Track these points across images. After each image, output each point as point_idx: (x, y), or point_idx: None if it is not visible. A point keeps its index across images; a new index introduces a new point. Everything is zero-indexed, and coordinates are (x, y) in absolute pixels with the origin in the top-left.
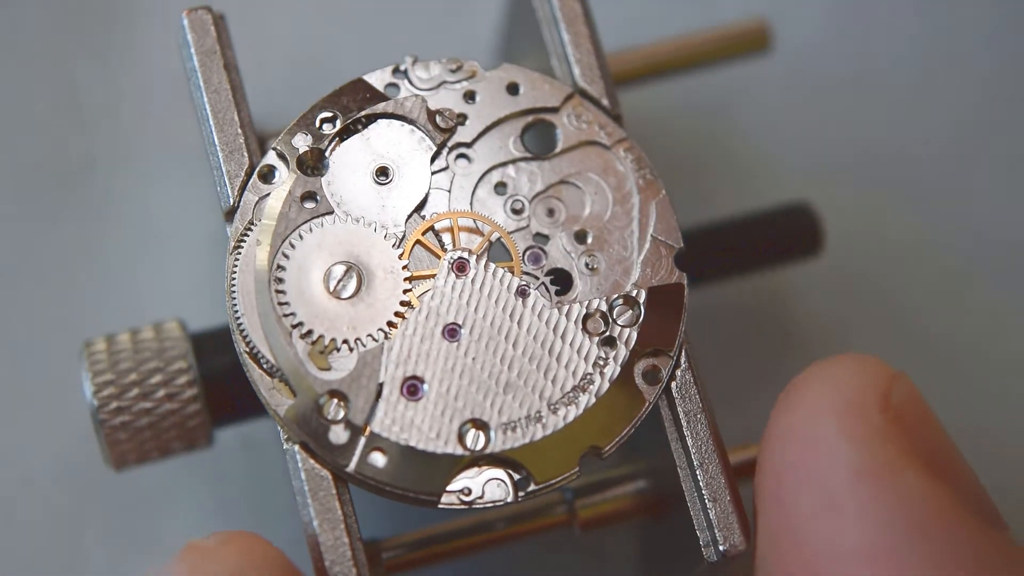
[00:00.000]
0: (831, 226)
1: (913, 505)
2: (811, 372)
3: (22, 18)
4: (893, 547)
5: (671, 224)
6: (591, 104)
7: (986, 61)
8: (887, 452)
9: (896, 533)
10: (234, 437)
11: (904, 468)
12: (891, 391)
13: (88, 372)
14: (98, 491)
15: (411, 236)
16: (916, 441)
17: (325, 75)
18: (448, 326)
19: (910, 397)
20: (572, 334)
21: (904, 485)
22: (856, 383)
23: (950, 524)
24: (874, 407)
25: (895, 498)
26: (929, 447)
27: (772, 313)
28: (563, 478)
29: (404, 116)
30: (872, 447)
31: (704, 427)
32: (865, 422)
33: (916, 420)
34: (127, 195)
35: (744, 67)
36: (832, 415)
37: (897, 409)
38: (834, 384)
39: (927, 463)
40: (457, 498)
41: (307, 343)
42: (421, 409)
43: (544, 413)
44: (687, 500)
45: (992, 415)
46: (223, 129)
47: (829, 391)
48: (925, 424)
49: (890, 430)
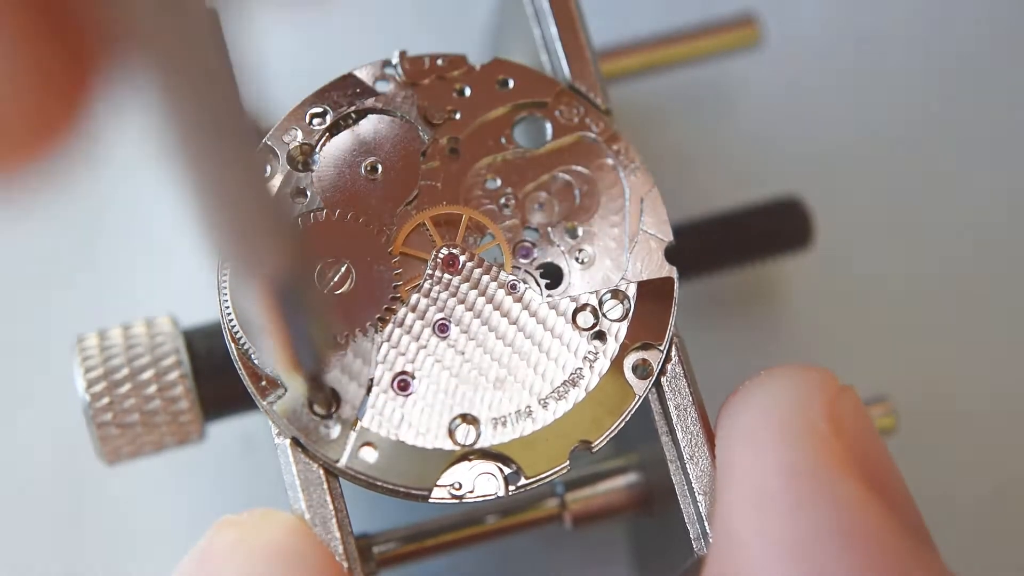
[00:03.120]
0: (822, 220)
1: (845, 511)
2: (758, 379)
3: None
4: (820, 549)
5: (661, 218)
6: (581, 99)
7: (982, 54)
8: (825, 457)
9: (825, 536)
10: (234, 436)
11: (841, 475)
12: (836, 403)
13: (80, 367)
14: (96, 488)
15: (401, 231)
16: (856, 453)
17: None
18: (438, 322)
19: (855, 412)
20: (562, 328)
21: (839, 491)
22: (803, 391)
23: (880, 535)
24: (818, 415)
25: (829, 501)
26: (869, 461)
27: (762, 307)
28: (553, 472)
29: (394, 111)
30: (811, 450)
31: (694, 421)
32: (807, 427)
33: (858, 434)
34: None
35: (734, 61)
36: (776, 416)
37: (840, 420)
38: (782, 389)
39: (864, 473)
40: (448, 492)
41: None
42: (411, 404)
43: (534, 408)
44: (677, 493)
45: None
46: None
47: (777, 395)
48: (867, 439)
49: (831, 437)
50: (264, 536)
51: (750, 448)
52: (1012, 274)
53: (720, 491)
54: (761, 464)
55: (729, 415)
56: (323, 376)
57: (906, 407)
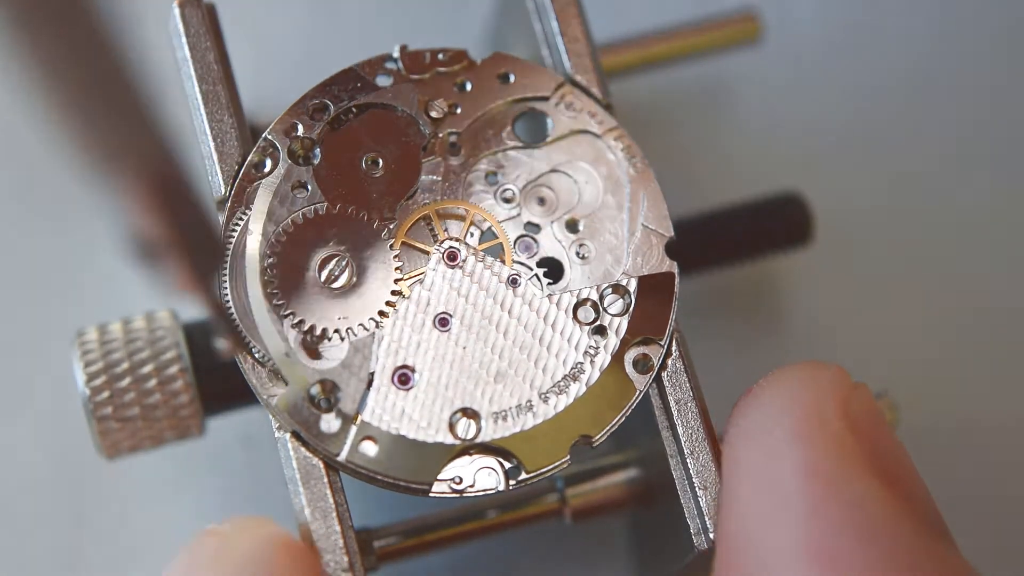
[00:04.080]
0: (821, 216)
1: (862, 510)
2: (772, 377)
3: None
4: (839, 549)
5: (662, 213)
6: (582, 93)
7: (982, 51)
8: (841, 456)
9: (843, 536)
10: (234, 433)
11: (857, 473)
12: (850, 400)
13: (80, 361)
14: (97, 485)
15: (402, 225)
16: (870, 449)
17: (316, 65)
18: (439, 315)
19: (868, 408)
20: (563, 323)
21: (855, 490)
22: (816, 389)
23: (897, 532)
24: (832, 413)
25: (845, 501)
26: (884, 457)
27: (763, 302)
28: (554, 467)
29: (395, 105)
30: (826, 450)
31: (695, 415)
32: (822, 426)
33: (872, 430)
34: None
35: (735, 57)
36: (790, 417)
37: (854, 417)
38: (794, 389)
39: (879, 471)
40: (448, 487)
41: (298, 332)
42: (412, 398)
43: (535, 402)
44: (678, 488)
45: (987, 403)
46: (214, 118)
47: (788, 395)
48: (881, 435)
49: (846, 436)
50: (244, 546)
51: (765, 449)
52: (1012, 273)
53: (734, 492)
54: (777, 465)
55: (742, 415)
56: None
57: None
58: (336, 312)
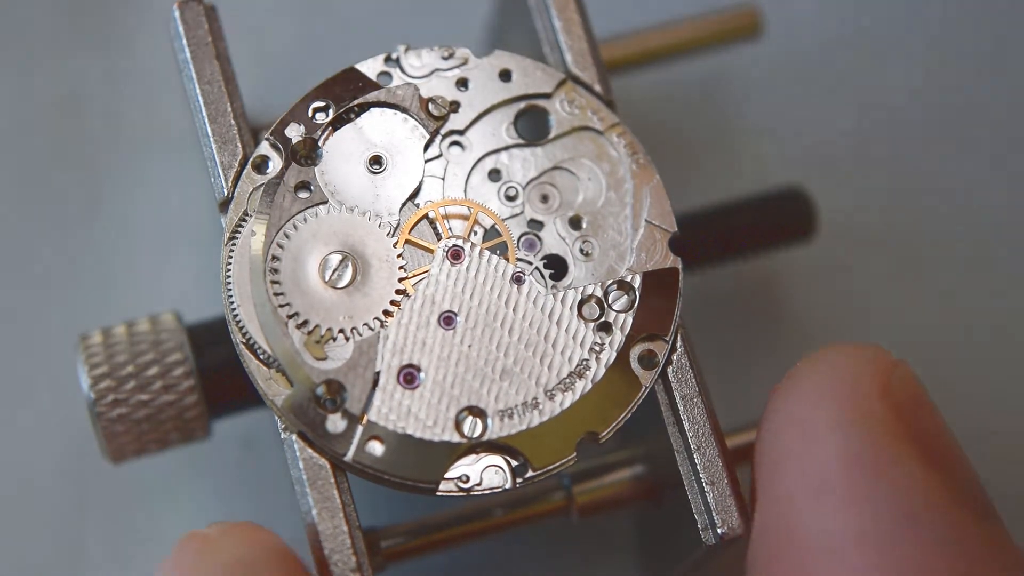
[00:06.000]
0: (825, 210)
1: (906, 493)
2: (812, 359)
3: (21, 17)
4: (883, 534)
5: (665, 209)
6: (584, 90)
7: (983, 46)
8: (883, 439)
9: (887, 520)
10: (235, 434)
11: (899, 456)
12: (891, 379)
13: (84, 365)
14: (99, 487)
15: (405, 225)
16: (913, 429)
17: (317, 65)
18: (444, 314)
19: (910, 385)
20: (568, 320)
21: (898, 473)
22: (856, 370)
23: (941, 513)
24: (873, 394)
25: (888, 485)
26: (926, 436)
27: (767, 297)
28: (560, 464)
29: (397, 104)
30: (868, 434)
31: (701, 411)
32: (863, 409)
33: (914, 408)
34: (124, 189)
35: (737, 52)
36: (830, 401)
37: (896, 397)
38: (834, 371)
39: (923, 452)
40: (455, 485)
41: (303, 333)
42: (418, 397)
43: (541, 399)
44: (685, 484)
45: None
46: (216, 120)
47: (828, 378)
48: (923, 413)
49: (888, 417)
50: (228, 550)
51: (805, 437)
52: (1013, 272)
53: (770, 482)
54: (818, 453)
55: (779, 402)
56: None
57: None
58: (341, 312)
